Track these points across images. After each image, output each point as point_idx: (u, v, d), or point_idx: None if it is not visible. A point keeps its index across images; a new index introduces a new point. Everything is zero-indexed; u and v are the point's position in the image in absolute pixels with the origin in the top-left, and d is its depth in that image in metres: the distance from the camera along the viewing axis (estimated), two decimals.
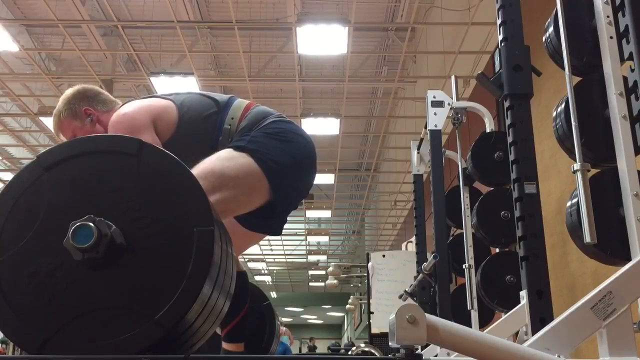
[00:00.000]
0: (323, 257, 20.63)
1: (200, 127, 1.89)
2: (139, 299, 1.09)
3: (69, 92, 1.99)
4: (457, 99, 3.83)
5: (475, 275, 3.27)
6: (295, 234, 17.79)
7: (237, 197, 1.77)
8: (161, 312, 1.07)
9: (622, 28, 1.63)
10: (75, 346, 1.07)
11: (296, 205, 2.07)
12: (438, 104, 3.77)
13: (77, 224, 1.09)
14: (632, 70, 1.56)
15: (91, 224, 1.08)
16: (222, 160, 1.76)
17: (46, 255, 1.12)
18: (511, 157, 2.07)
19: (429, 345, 2.75)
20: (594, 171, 1.72)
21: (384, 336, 6.97)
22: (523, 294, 1.94)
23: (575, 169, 1.66)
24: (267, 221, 1.98)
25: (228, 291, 1.29)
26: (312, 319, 31.93)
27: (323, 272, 20.32)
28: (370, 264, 7.36)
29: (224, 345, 2.13)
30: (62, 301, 1.10)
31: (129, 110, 1.88)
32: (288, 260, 21.28)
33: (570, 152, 1.77)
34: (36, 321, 1.09)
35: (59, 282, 1.11)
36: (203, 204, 1.17)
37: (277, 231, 2.07)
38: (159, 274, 1.11)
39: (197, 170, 1.62)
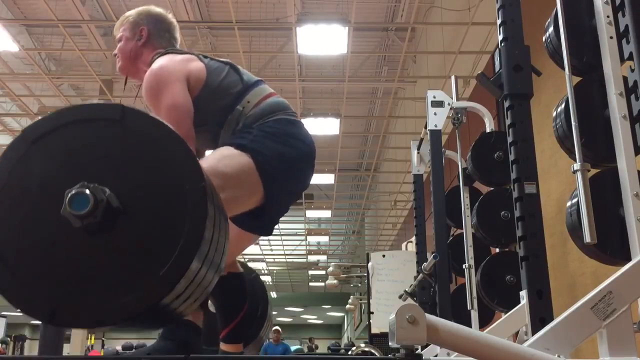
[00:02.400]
0: (323, 257, 20.63)
1: (218, 100, 1.90)
2: (141, 259, 1.11)
3: (148, 8, 2.09)
4: (457, 99, 3.83)
5: (475, 275, 3.27)
6: (295, 234, 17.79)
7: (237, 197, 1.77)
8: (165, 268, 1.09)
9: (622, 28, 1.63)
10: (84, 311, 1.10)
11: (288, 208, 2.08)
12: (438, 104, 3.77)
13: (73, 191, 1.10)
14: (632, 70, 1.57)
15: (86, 190, 1.09)
16: (224, 158, 1.76)
17: (45, 227, 1.13)
18: (511, 157, 2.07)
19: (429, 345, 2.75)
20: (594, 171, 1.72)
21: (384, 336, 6.97)
22: (523, 294, 1.94)
23: (575, 169, 1.66)
24: (258, 221, 1.98)
25: (219, 263, 1.31)
26: (312, 319, 31.92)
27: (323, 272, 20.32)
28: (370, 264, 7.36)
29: (223, 346, 2.13)
30: (66, 269, 1.12)
31: (164, 62, 1.91)
32: (288, 260, 21.27)
33: (570, 152, 1.77)
34: (43, 291, 1.11)
35: (61, 252, 1.12)
36: (191, 163, 1.19)
37: (267, 231, 2.08)
38: (157, 233, 1.13)
39: None
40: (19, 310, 1.12)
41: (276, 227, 2.11)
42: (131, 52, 2.02)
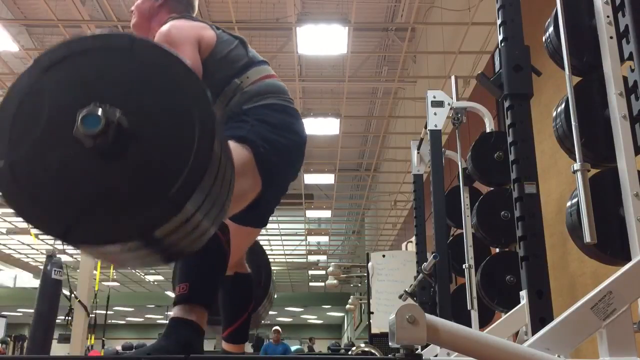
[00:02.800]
0: (323, 257, 20.63)
1: (220, 70, 1.91)
2: (152, 180, 1.15)
3: None
4: (457, 99, 3.83)
5: (475, 275, 3.27)
6: (295, 234, 17.79)
7: (242, 193, 1.77)
8: (174, 189, 1.12)
9: (622, 28, 1.63)
10: (97, 230, 1.13)
11: (280, 199, 2.11)
12: (438, 104, 3.77)
13: (85, 111, 1.12)
14: (632, 70, 1.57)
15: (98, 110, 1.12)
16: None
17: (57, 149, 1.16)
18: (511, 157, 2.07)
19: (429, 345, 2.75)
20: (594, 171, 1.72)
21: (384, 336, 6.97)
22: (523, 294, 1.94)
23: (575, 169, 1.66)
24: (253, 212, 1.98)
25: (230, 180, 1.34)
26: (312, 319, 31.91)
27: (323, 272, 20.32)
28: (370, 264, 7.36)
29: (225, 346, 2.13)
30: (78, 190, 1.15)
31: (178, 22, 1.93)
32: (288, 260, 21.27)
33: (570, 152, 1.77)
34: (57, 211, 1.14)
35: (73, 173, 1.15)
36: (199, 89, 1.21)
37: (263, 223, 2.10)
38: (167, 155, 1.16)
39: None
40: (32, 226, 1.15)
41: (276, 227, 2.12)
42: (148, 11, 2.05)
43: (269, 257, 2.77)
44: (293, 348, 12.44)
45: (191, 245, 1.29)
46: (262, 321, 2.66)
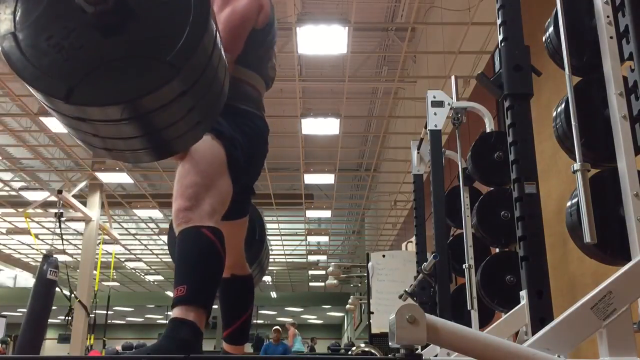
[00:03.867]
0: (323, 257, 20.63)
1: (250, 47, 1.93)
2: (150, 46, 1.23)
3: None
4: (457, 99, 3.83)
5: (475, 275, 3.27)
6: (295, 234, 17.79)
7: (228, 192, 1.81)
8: (172, 54, 1.20)
9: (622, 28, 1.63)
10: (98, 92, 1.20)
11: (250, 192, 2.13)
12: (438, 104, 3.77)
13: None
14: (632, 70, 1.57)
15: None
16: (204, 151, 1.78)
17: (60, 22, 1.23)
18: (511, 157, 2.07)
19: (429, 345, 2.75)
20: (594, 171, 1.72)
21: (384, 336, 6.97)
22: (523, 294, 1.94)
23: (575, 169, 1.66)
24: (237, 205, 2.00)
25: (224, 68, 1.42)
26: (312, 319, 31.92)
27: (323, 272, 20.33)
28: (370, 264, 7.36)
29: (225, 346, 2.13)
30: (80, 57, 1.21)
31: None
32: (288, 260, 21.28)
33: (570, 152, 1.77)
34: (60, 75, 1.20)
35: (75, 42, 1.22)
36: None
37: (245, 212, 2.12)
38: (164, 25, 1.25)
39: (184, 167, 1.73)
40: (36, 91, 1.20)
41: (276, 227, 2.13)
42: None
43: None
44: (294, 349, 12.42)
45: (181, 138, 1.36)
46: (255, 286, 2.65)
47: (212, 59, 1.30)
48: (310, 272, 23.27)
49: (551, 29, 1.95)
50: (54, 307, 7.29)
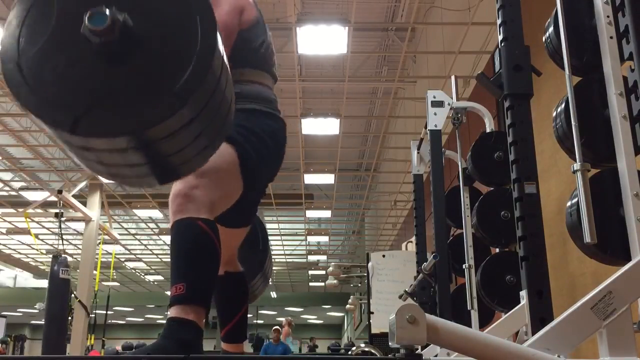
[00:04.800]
0: (323, 257, 20.63)
1: (239, 49, 1.90)
2: (156, 77, 1.21)
3: None
4: (457, 99, 3.83)
5: (475, 275, 3.27)
6: (295, 234, 17.79)
7: (229, 191, 1.80)
8: (179, 84, 1.19)
9: (622, 28, 1.63)
10: (104, 123, 1.18)
11: (259, 201, 2.13)
12: (438, 104, 3.77)
13: (92, 10, 1.17)
14: (632, 70, 1.57)
15: (105, 9, 1.17)
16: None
17: (65, 51, 1.22)
18: (511, 157, 2.07)
19: (429, 345, 2.75)
20: (594, 171, 1.72)
21: (384, 336, 6.97)
22: (523, 294, 1.94)
23: (575, 169, 1.66)
24: (240, 215, 2.00)
25: (231, 91, 1.40)
26: (312, 319, 31.92)
27: (323, 272, 20.33)
28: (370, 264, 7.36)
29: (223, 345, 2.13)
30: (86, 87, 1.20)
31: None
32: (288, 260, 21.27)
33: (570, 152, 1.77)
34: (65, 106, 1.19)
35: (81, 71, 1.21)
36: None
37: (251, 220, 2.12)
38: (171, 55, 1.23)
39: None
40: (41, 121, 1.19)
41: (276, 227, 2.13)
42: None
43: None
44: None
45: (188, 162, 1.35)
46: (259, 295, 2.64)
47: (220, 82, 1.29)
48: (310, 272, 23.27)
49: (551, 29, 1.95)
50: None
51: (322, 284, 21.91)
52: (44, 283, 8.54)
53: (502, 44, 2.18)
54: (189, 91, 1.19)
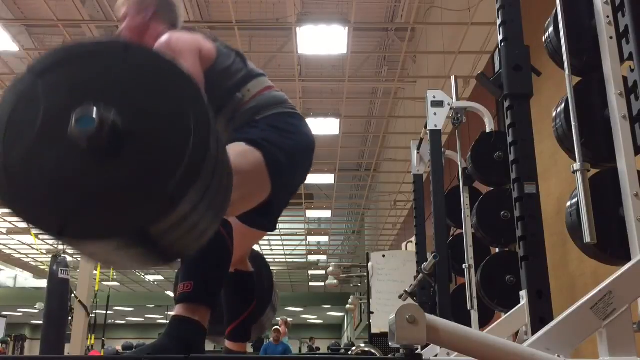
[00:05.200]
0: (323, 257, 20.63)
1: (221, 83, 1.91)
2: (147, 177, 1.15)
3: None
4: (457, 99, 3.83)
5: (475, 275, 3.27)
6: (295, 234, 17.79)
7: (249, 194, 1.78)
8: (169, 186, 1.13)
9: (622, 28, 1.63)
10: (93, 227, 1.13)
11: (289, 201, 2.10)
12: (438, 104, 3.78)
13: (79, 110, 1.13)
14: (632, 70, 1.57)
15: (93, 110, 1.12)
16: (237, 155, 1.76)
17: (52, 151, 1.17)
18: (511, 157, 2.07)
19: (429, 345, 2.75)
20: (594, 171, 1.72)
21: (384, 336, 6.97)
22: (523, 294, 1.94)
23: (575, 169, 1.66)
24: (264, 217, 1.99)
25: (227, 185, 1.35)
26: (312, 319, 31.92)
27: (323, 272, 20.32)
28: (370, 264, 7.36)
29: (227, 344, 2.13)
30: (74, 187, 1.15)
31: (180, 34, 1.90)
32: (288, 260, 21.27)
33: (570, 152, 1.77)
34: (52, 209, 1.15)
35: (68, 172, 1.16)
36: (194, 89, 1.22)
37: (273, 227, 2.09)
38: (162, 153, 1.17)
39: None
40: (29, 225, 1.16)
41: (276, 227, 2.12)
42: (139, 27, 2.00)
43: (269, 257, 2.76)
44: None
45: (189, 246, 1.30)
46: (268, 327, 2.66)
47: (216, 172, 1.23)
48: (310, 272, 23.27)
49: (551, 29, 1.95)
50: None
51: (322, 284, 21.90)
52: (44, 283, 8.55)
53: (502, 44, 2.18)
54: (183, 190, 1.13)
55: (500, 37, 2.20)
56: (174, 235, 1.20)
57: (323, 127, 10.23)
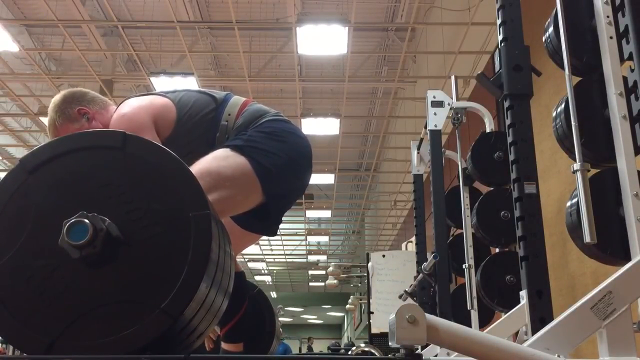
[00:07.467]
0: (323, 257, 20.62)
1: (198, 125, 1.90)
2: (142, 290, 1.08)
3: (56, 98, 1.95)
4: (457, 99, 3.83)
5: (475, 275, 3.27)
6: (295, 234, 17.79)
7: (233, 197, 1.77)
8: (166, 301, 1.06)
9: (622, 28, 1.63)
10: (82, 345, 1.06)
11: (291, 206, 2.08)
12: (438, 104, 3.77)
13: (71, 221, 1.07)
14: (632, 70, 1.57)
15: (85, 220, 1.06)
16: (218, 159, 1.76)
17: (42, 257, 1.09)
18: (511, 157, 2.07)
19: (429, 345, 2.75)
20: (594, 171, 1.72)
21: (384, 336, 6.97)
22: (523, 294, 1.94)
23: (575, 169, 1.66)
24: (262, 222, 1.98)
25: (227, 287, 1.29)
26: (312, 319, 31.92)
27: (323, 272, 20.32)
28: (370, 264, 7.36)
29: (223, 345, 2.13)
30: (63, 302, 1.08)
31: (128, 110, 1.87)
32: (288, 260, 21.27)
33: (570, 152, 1.77)
34: (39, 325, 1.07)
35: (58, 283, 1.08)
36: (196, 190, 1.16)
37: (272, 232, 2.08)
38: (159, 264, 1.09)
39: (194, 170, 1.63)
40: (10, 344, 1.10)
41: None
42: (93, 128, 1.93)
43: (269, 257, 2.75)
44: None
45: (196, 338, 1.23)
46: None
47: (215, 279, 1.16)
48: (310, 272, 23.27)
49: (551, 29, 1.95)
50: None
51: (322, 284, 21.91)
52: None
53: (502, 44, 2.18)
54: (179, 307, 1.06)
55: (500, 37, 2.20)
56: (179, 337, 1.13)
57: (323, 127, 10.23)
